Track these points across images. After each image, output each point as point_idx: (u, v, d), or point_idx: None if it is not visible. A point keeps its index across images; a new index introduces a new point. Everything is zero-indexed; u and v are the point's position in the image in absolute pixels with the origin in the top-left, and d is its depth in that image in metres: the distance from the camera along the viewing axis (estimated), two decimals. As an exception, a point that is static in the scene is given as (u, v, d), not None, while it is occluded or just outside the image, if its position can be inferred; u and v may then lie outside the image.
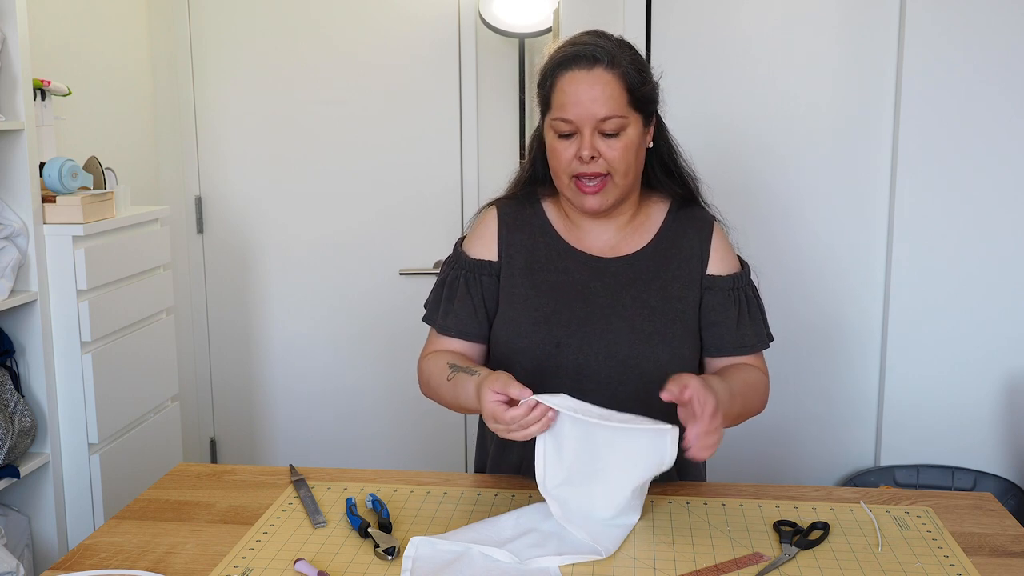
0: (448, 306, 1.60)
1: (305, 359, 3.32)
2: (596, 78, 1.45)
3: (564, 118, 1.46)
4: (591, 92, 1.44)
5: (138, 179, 3.07)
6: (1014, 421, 2.57)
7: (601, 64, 1.45)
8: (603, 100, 1.44)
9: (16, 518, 2.34)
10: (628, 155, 1.47)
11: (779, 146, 2.56)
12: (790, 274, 2.59)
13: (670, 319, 1.53)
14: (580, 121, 1.45)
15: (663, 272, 1.56)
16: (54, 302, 2.35)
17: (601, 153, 1.46)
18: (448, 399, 1.53)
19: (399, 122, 3.17)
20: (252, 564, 1.31)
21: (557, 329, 1.52)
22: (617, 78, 1.45)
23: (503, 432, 1.33)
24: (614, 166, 1.47)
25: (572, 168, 1.48)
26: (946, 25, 2.43)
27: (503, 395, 1.32)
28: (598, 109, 1.44)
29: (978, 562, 1.32)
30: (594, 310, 1.53)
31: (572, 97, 1.45)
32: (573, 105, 1.45)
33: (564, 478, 1.37)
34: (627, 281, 1.55)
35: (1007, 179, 2.48)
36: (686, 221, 1.60)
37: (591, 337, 1.51)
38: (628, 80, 1.46)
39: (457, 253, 1.63)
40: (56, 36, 2.71)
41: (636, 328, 1.52)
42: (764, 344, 1.61)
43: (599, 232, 1.58)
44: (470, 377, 1.44)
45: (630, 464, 1.35)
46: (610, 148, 1.46)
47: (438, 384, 1.54)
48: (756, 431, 2.61)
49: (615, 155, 1.46)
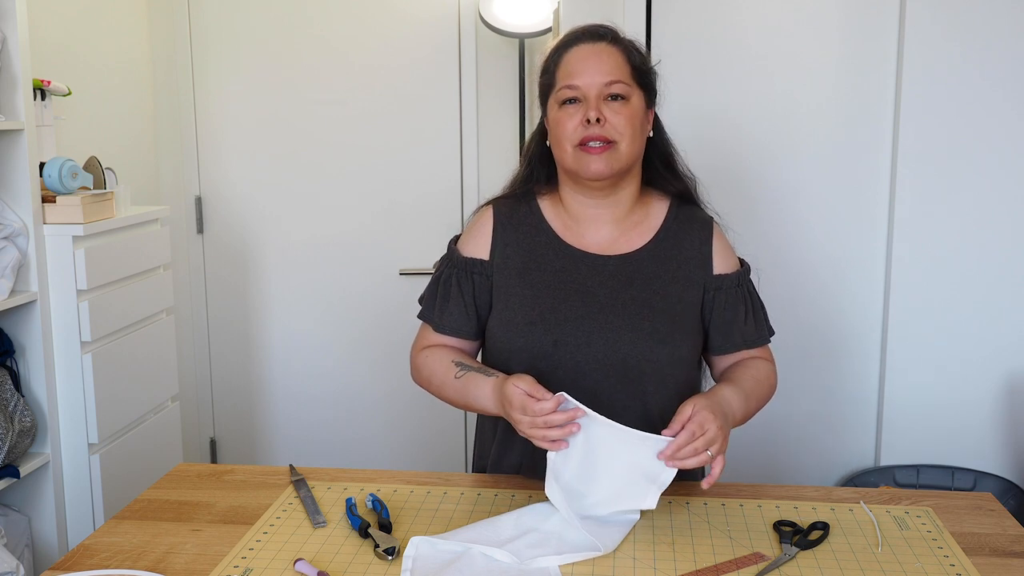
0: (443, 304, 1.60)
1: (305, 359, 3.32)
2: (601, 50, 1.51)
3: (570, 84, 1.49)
4: (597, 61, 1.49)
5: (138, 179, 3.07)
6: (1014, 421, 2.56)
7: (605, 40, 1.52)
8: (609, 68, 1.49)
9: (16, 518, 2.33)
10: (633, 123, 1.50)
11: (779, 146, 2.56)
12: (790, 274, 2.59)
13: (670, 319, 1.53)
14: (586, 87, 1.48)
15: (663, 272, 1.56)
16: (54, 302, 2.35)
17: (607, 118, 1.48)
18: (453, 396, 1.53)
19: (399, 122, 3.17)
20: (252, 564, 1.31)
21: (554, 327, 1.51)
22: (621, 52, 1.51)
23: (527, 426, 1.35)
24: (619, 131, 1.48)
25: (577, 134, 1.49)
26: (946, 25, 2.43)
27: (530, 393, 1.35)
28: (604, 76, 1.48)
29: (978, 562, 1.32)
30: (592, 308, 1.52)
31: (579, 66, 1.50)
32: (580, 72, 1.49)
33: (566, 482, 1.38)
34: (626, 280, 1.54)
35: (1007, 179, 2.48)
36: (687, 222, 1.61)
37: (589, 335, 1.51)
38: (631, 57, 1.52)
39: (451, 251, 1.64)
40: (56, 36, 2.71)
41: (635, 327, 1.51)
42: (768, 337, 1.64)
43: (597, 229, 1.57)
44: (486, 379, 1.46)
45: (627, 475, 1.37)
46: (615, 113, 1.48)
47: (442, 382, 1.55)
48: (756, 431, 2.61)
49: (621, 120, 1.48)
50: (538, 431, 1.34)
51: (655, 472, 1.36)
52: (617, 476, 1.38)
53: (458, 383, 1.51)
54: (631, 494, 1.38)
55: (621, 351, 1.50)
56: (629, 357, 1.50)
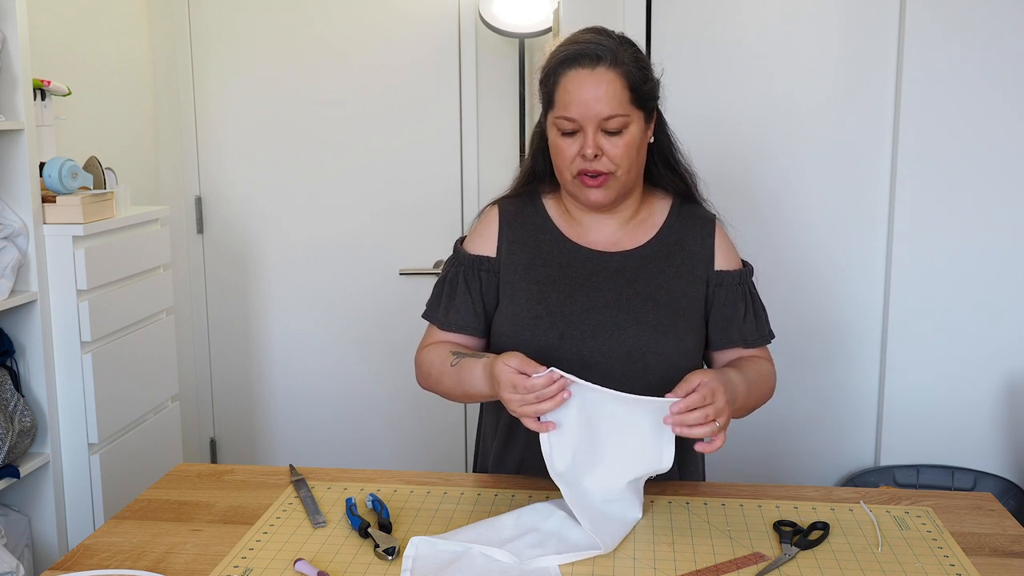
0: (449, 303, 1.61)
1: (305, 359, 3.32)
2: (599, 77, 1.46)
3: (568, 116, 1.47)
4: (595, 91, 1.45)
5: (138, 179, 3.07)
6: (1014, 421, 2.56)
7: (604, 63, 1.46)
8: (606, 99, 1.45)
9: (16, 518, 2.34)
10: (631, 152, 1.49)
11: (779, 146, 2.56)
12: (791, 274, 2.59)
13: (674, 312, 1.54)
14: (583, 120, 1.46)
15: (667, 267, 1.57)
16: (54, 302, 2.35)
17: (604, 151, 1.47)
18: (450, 386, 1.53)
19: (399, 122, 3.17)
20: (252, 564, 1.31)
21: (560, 321, 1.53)
22: (620, 76, 1.46)
23: (517, 403, 1.34)
24: (617, 163, 1.48)
25: (575, 166, 1.49)
26: (946, 25, 2.43)
27: (520, 370, 1.34)
28: (601, 108, 1.45)
29: (978, 562, 1.32)
30: (597, 302, 1.54)
31: (575, 96, 1.46)
32: (577, 104, 1.46)
33: (570, 460, 1.38)
34: (631, 275, 1.56)
35: (1007, 179, 2.48)
36: (689, 219, 1.62)
37: (595, 329, 1.52)
38: (630, 78, 1.47)
39: (457, 251, 1.65)
40: (56, 36, 2.71)
41: (641, 320, 1.52)
42: (768, 338, 1.64)
43: (601, 227, 1.59)
44: (478, 360, 1.46)
45: (633, 441, 1.37)
46: (613, 146, 1.47)
47: (440, 372, 1.55)
48: (756, 431, 2.62)
49: (618, 152, 1.47)
50: (529, 407, 1.34)
51: (660, 434, 1.35)
52: (623, 443, 1.37)
53: (454, 371, 1.51)
54: (644, 457, 1.37)
55: (626, 344, 1.51)
56: (634, 350, 1.51)
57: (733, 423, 1.43)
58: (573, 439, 1.37)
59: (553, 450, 1.37)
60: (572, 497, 1.36)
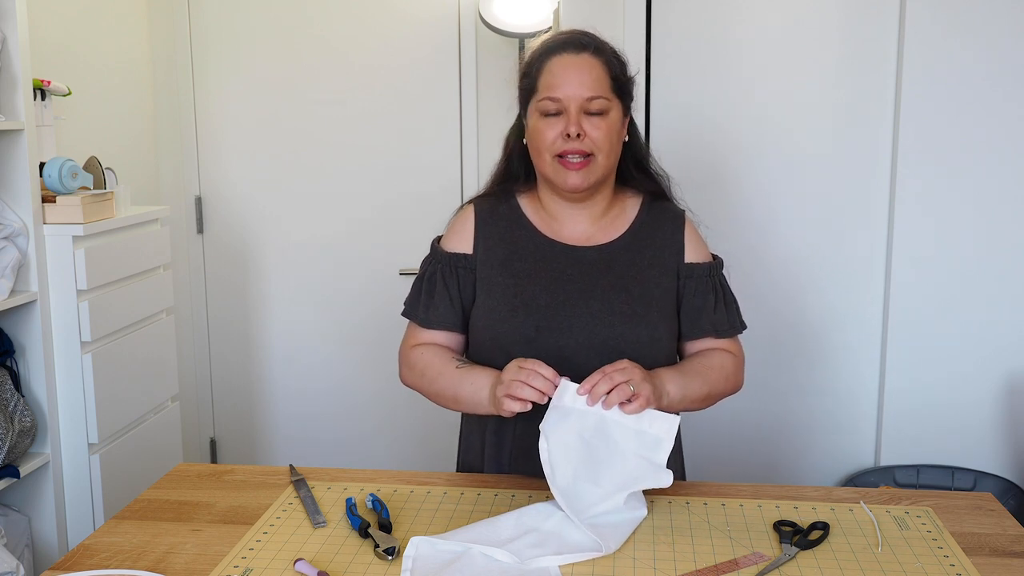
0: (428, 300, 1.65)
1: (305, 359, 3.32)
2: (584, 61, 1.53)
3: (552, 96, 1.53)
4: (579, 74, 1.52)
5: (138, 179, 3.07)
6: (1014, 421, 2.56)
7: (588, 50, 1.54)
8: (590, 82, 1.52)
9: (16, 518, 2.33)
10: (611, 136, 1.54)
11: (779, 146, 2.56)
12: (791, 274, 2.59)
13: (647, 302, 1.58)
14: (567, 100, 1.52)
15: (639, 260, 1.61)
16: (54, 302, 2.35)
17: (586, 132, 1.52)
18: (444, 386, 1.57)
19: (399, 122, 3.17)
20: (252, 564, 1.31)
21: (536, 314, 1.56)
22: (603, 64, 1.54)
23: (512, 374, 1.40)
24: (598, 145, 1.52)
25: (556, 147, 1.53)
26: (946, 25, 2.43)
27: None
28: (585, 89, 1.51)
29: (978, 562, 1.32)
30: (572, 295, 1.57)
31: (560, 78, 1.53)
32: (562, 85, 1.52)
33: (571, 478, 1.39)
34: (604, 267, 1.60)
35: (1007, 179, 2.48)
36: (659, 214, 1.66)
37: (570, 320, 1.55)
38: (612, 68, 1.55)
39: (434, 249, 1.69)
40: (56, 36, 2.71)
41: (615, 310, 1.56)
42: (738, 329, 1.67)
43: (575, 223, 1.63)
44: (484, 368, 1.52)
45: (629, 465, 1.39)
46: (595, 127, 1.52)
47: (438, 373, 1.58)
48: (756, 431, 2.62)
49: (599, 135, 1.52)
50: (523, 372, 1.39)
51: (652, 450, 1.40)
52: (622, 470, 1.39)
53: (456, 372, 1.55)
54: (641, 475, 1.40)
55: (601, 334, 1.54)
56: (609, 339, 1.54)
57: (733, 423, 1.43)
58: (572, 459, 1.39)
59: (555, 471, 1.38)
60: (575, 510, 1.36)
